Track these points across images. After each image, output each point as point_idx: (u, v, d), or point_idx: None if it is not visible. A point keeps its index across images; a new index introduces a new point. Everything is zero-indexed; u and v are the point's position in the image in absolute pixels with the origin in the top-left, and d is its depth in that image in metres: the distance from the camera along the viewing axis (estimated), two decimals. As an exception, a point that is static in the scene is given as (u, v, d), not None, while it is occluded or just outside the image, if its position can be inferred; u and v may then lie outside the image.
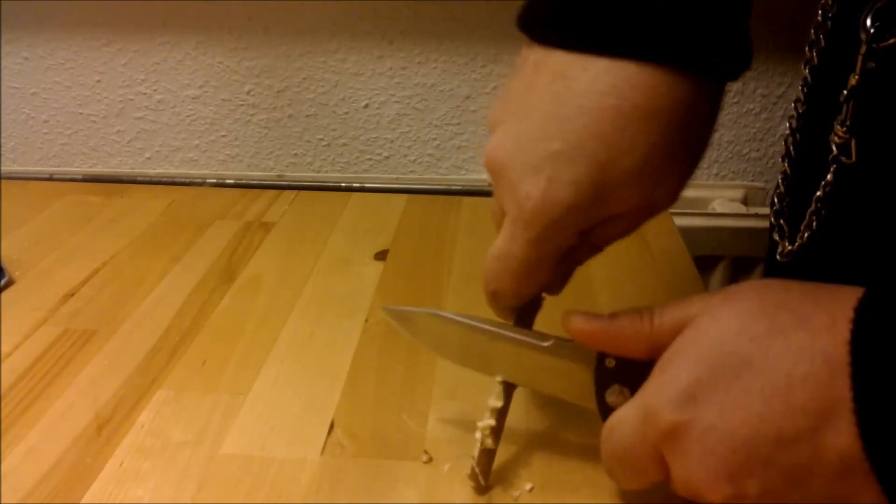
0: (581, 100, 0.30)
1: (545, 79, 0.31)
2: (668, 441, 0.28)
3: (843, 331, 0.25)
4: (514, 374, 0.36)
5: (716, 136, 0.81)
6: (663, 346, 0.30)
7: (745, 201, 0.84)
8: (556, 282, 0.38)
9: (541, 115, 0.31)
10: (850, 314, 0.25)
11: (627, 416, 0.30)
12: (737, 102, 0.80)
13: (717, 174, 0.84)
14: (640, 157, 0.30)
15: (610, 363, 0.33)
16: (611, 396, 0.33)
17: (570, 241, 0.33)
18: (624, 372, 0.32)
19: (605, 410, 0.33)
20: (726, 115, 0.81)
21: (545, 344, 0.35)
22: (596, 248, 0.36)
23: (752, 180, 0.84)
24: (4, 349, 0.48)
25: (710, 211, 0.83)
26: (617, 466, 0.32)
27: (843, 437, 0.25)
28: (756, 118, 0.81)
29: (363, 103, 0.81)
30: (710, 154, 0.83)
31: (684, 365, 0.28)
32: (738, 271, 0.84)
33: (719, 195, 0.84)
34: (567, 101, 0.30)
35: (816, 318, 0.26)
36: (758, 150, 0.83)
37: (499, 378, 0.37)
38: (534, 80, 0.32)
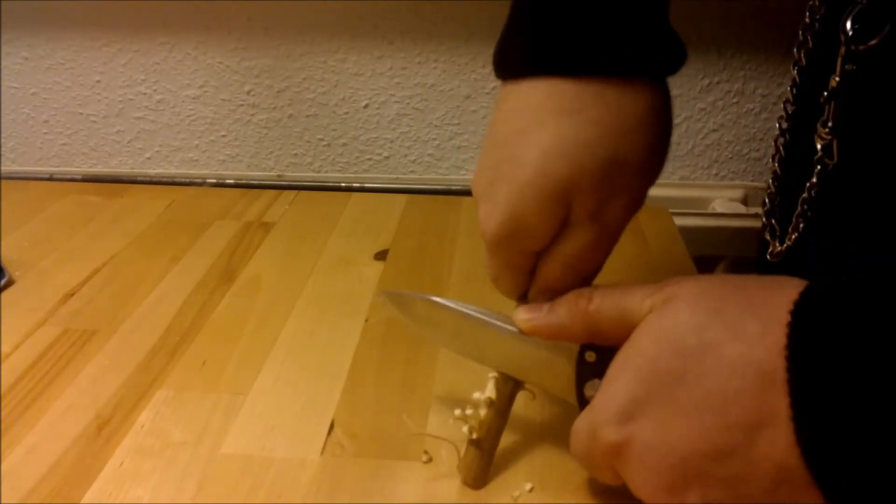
0: (501, 126, 0.32)
1: (494, 112, 0.33)
2: (613, 457, 0.29)
3: (777, 340, 0.25)
4: (503, 364, 0.37)
5: (716, 135, 0.82)
6: (602, 332, 0.31)
7: (745, 201, 0.84)
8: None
9: (489, 145, 0.33)
10: (785, 319, 0.25)
11: (579, 429, 0.31)
12: (737, 102, 0.80)
13: (717, 174, 0.84)
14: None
15: (590, 357, 0.33)
16: (589, 390, 0.33)
17: (520, 255, 0.34)
18: (604, 367, 0.33)
19: (583, 404, 0.33)
20: (726, 115, 0.81)
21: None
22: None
23: (752, 180, 0.84)
24: (4, 349, 0.48)
25: (710, 211, 0.83)
26: (586, 468, 0.33)
27: (777, 446, 0.25)
28: (756, 118, 0.81)
29: (363, 103, 0.81)
30: (710, 154, 0.83)
31: (622, 383, 0.29)
32: (738, 271, 0.83)
33: (719, 195, 0.84)
34: (496, 129, 0.32)
35: (749, 328, 0.26)
36: (758, 150, 0.83)
37: (491, 374, 0.37)
38: (492, 114, 0.34)
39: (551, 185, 0.30)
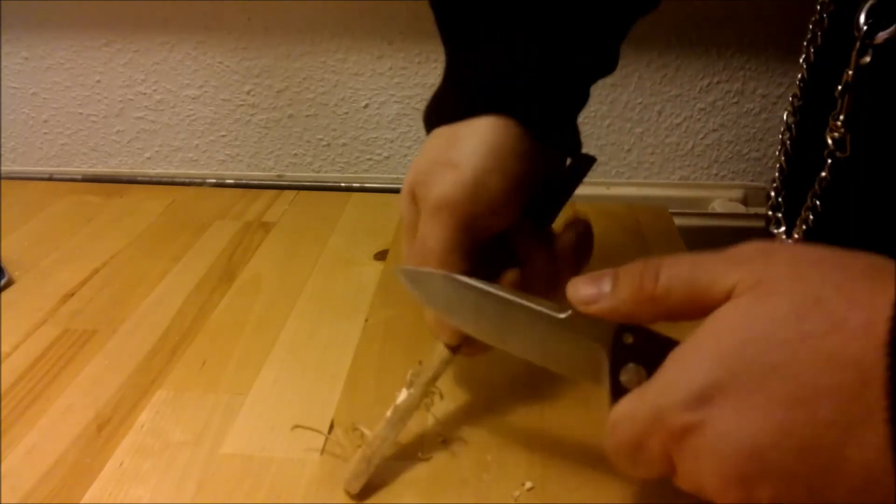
0: None
1: None
2: (678, 441, 0.27)
3: (880, 333, 0.23)
4: (525, 348, 0.34)
5: (716, 135, 0.82)
6: (671, 314, 0.29)
7: (745, 201, 0.84)
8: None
9: None
10: (889, 312, 0.23)
11: (636, 413, 0.29)
12: (737, 102, 0.80)
13: (717, 174, 0.84)
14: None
15: (628, 339, 0.31)
16: (625, 375, 0.31)
17: (452, 235, 0.37)
18: (643, 350, 0.30)
19: (618, 391, 0.31)
20: (726, 115, 0.81)
21: (561, 316, 0.33)
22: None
23: (752, 180, 0.84)
24: (4, 349, 0.48)
25: (710, 211, 0.83)
26: (623, 461, 0.30)
27: (868, 448, 0.23)
28: (756, 118, 0.81)
29: (363, 103, 0.81)
30: (710, 154, 0.83)
31: (702, 364, 0.27)
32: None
33: (719, 195, 0.84)
34: None
35: (851, 319, 0.24)
36: (758, 150, 0.83)
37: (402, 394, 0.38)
38: None
39: (405, 184, 0.41)
